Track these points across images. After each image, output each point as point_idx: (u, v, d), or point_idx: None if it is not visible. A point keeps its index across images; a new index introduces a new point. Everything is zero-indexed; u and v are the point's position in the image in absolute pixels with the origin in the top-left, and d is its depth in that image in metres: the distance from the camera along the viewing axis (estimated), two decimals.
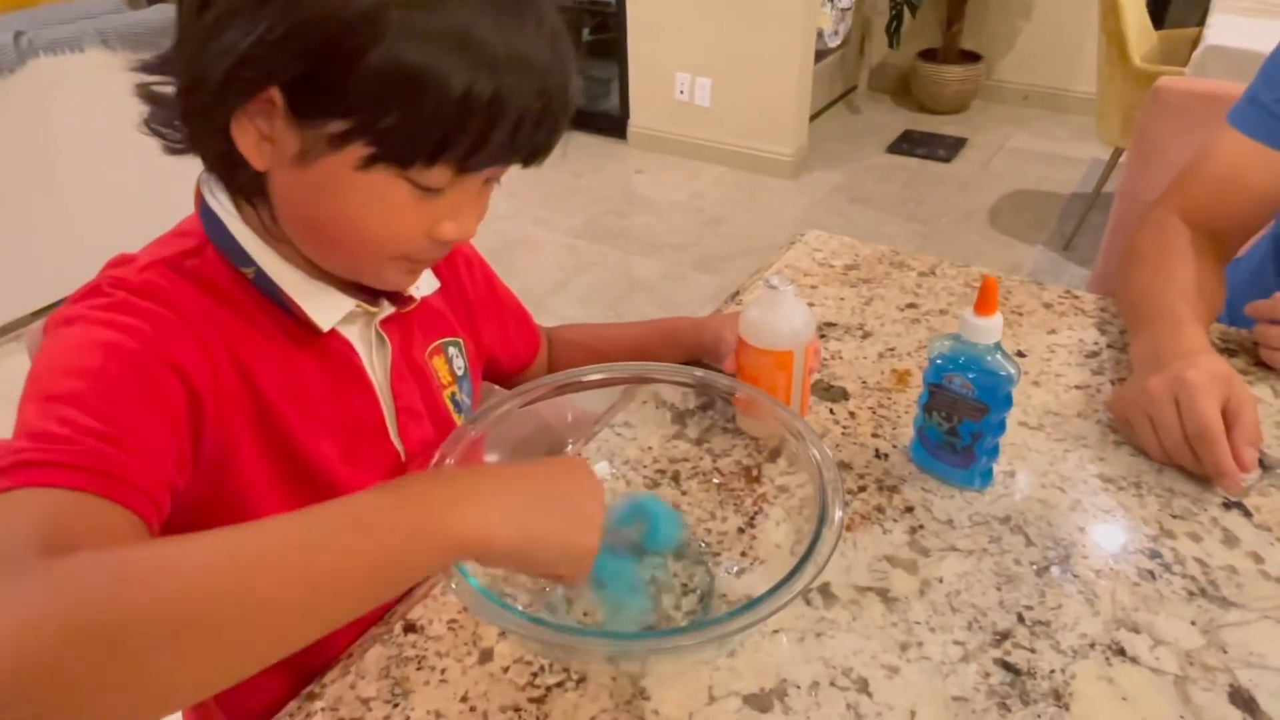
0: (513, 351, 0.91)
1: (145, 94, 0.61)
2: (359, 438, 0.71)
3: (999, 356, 0.70)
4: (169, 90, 0.60)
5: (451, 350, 0.80)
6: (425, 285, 0.75)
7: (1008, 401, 0.71)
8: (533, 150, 0.60)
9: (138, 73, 0.60)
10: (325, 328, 0.66)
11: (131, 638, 0.39)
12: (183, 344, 0.59)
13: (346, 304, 0.67)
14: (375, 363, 0.72)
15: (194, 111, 0.58)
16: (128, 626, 0.39)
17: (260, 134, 0.57)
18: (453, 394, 0.79)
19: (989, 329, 0.69)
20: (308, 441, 0.67)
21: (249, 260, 0.63)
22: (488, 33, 0.54)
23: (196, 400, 0.59)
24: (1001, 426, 0.73)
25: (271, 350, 0.65)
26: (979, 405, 0.71)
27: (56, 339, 0.57)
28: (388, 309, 0.71)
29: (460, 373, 0.81)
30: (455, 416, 0.79)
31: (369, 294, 0.69)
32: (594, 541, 0.53)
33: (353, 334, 0.70)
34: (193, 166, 0.65)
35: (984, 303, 0.69)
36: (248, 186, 0.62)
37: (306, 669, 0.64)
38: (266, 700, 0.65)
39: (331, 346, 0.69)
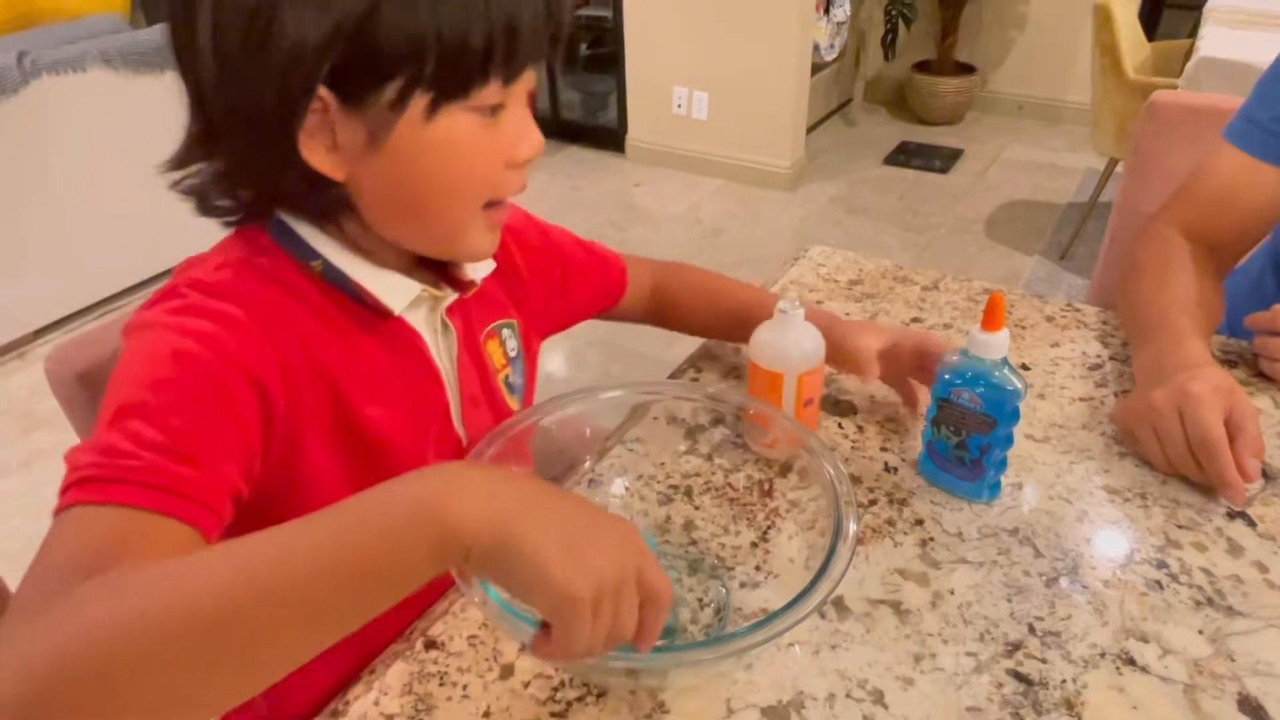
0: (583, 299, 0.91)
1: (186, 188, 0.63)
2: (426, 424, 0.73)
3: (1006, 371, 0.71)
4: (204, 172, 0.63)
5: (505, 332, 0.81)
6: (483, 267, 0.76)
7: (1015, 415, 0.72)
8: (555, 34, 0.62)
9: (171, 172, 0.62)
10: (397, 310, 0.67)
11: (124, 658, 0.40)
12: (255, 346, 0.60)
13: (413, 288, 0.69)
14: (441, 349, 0.74)
15: (263, 152, 0.59)
16: (119, 648, 0.40)
17: (327, 146, 0.58)
18: (506, 377, 0.80)
19: (996, 345, 0.70)
20: (379, 429, 0.68)
21: (315, 253, 0.65)
22: None
23: (267, 403, 0.60)
24: (1009, 440, 0.74)
25: (342, 341, 0.67)
26: (987, 419, 0.72)
27: (133, 347, 0.59)
28: (451, 295, 0.72)
29: (513, 355, 0.82)
30: (509, 400, 0.80)
31: (432, 279, 0.71)
32: (581, 590, 0.46)
33: (418, 321, 0.71)
34: None
35: (991, 319, 0.70)
36: (334, 205, 0.63)
37: (329, 683, 0.65)
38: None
39: (399, 334, 0.70)
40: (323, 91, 0.56)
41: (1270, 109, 0.97)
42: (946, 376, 0.74)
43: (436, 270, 0.72)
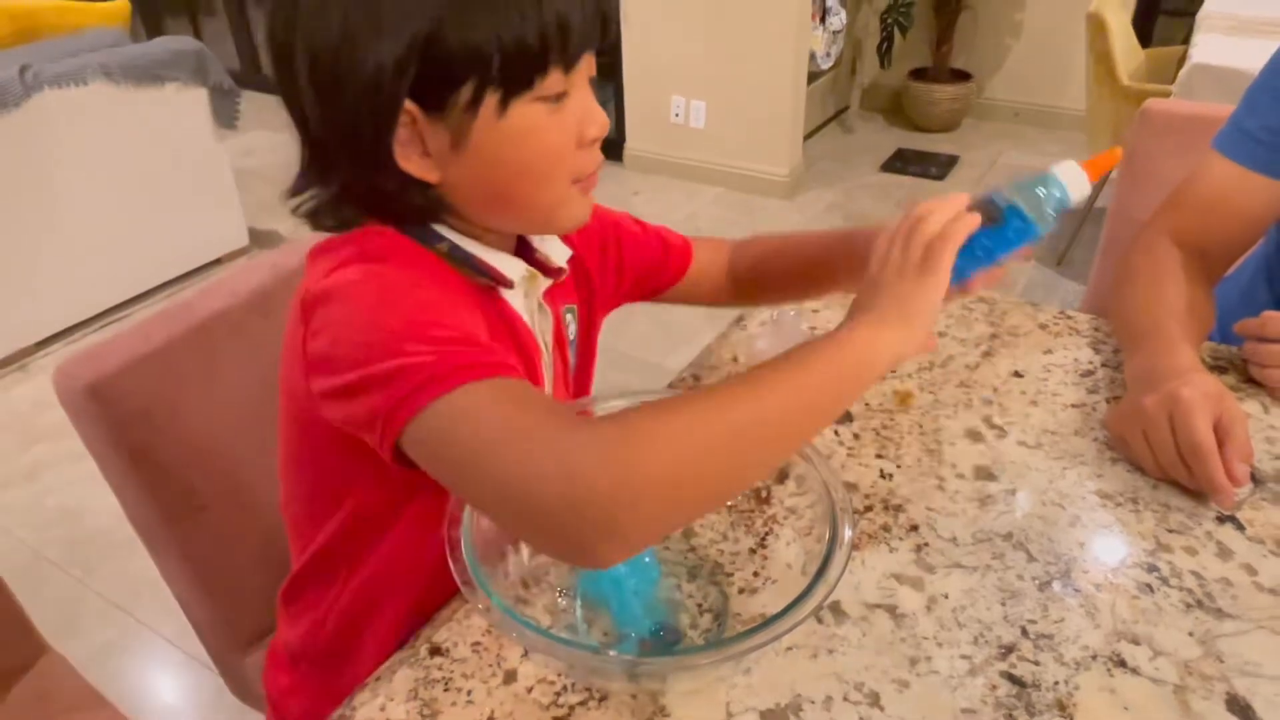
0: (638, 270, 0.93)
1: (304, 212, 0.69)
2: None
3: (1051, 207, 0.67)
4: (317, 195, 0.68)
5: (568, 317, 0.85)
6: (562, 254, 0.80)
7: (1021, 234, 0.67)
8: (604, 22, 0.66)
9: (292, 198, 0.69)
10: (515, 279, 0.72)
11: (680, 481, 0.51)
12: (450, 291, 0.66)
13: (521, 265, 0.74)
14: (538, 329, 0.78)
15: (366, 167, 0.64)
16: (678, 475, 0.51)
17: (420, 153, 0.64)
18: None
19: (1076, 180, 0.68)
20: None
21: (440, 237, 0.69)
22: None
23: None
24: (989, 252, 0.67)
25: (481, 313, 0.70)
26: (1000, 215, 0.67)
27: (353, 298, 0.62)
28: (544, 281, 0.77)
29: (572, 337, 0.86)
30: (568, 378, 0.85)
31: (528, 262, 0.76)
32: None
33: (518, 304, 0.76)
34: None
35: (1095, 168, 0.68)
36: (435, 207, 0.68)
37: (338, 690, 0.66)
38: None
39: (509, 313, 0.75)
40: (408, 104, 0.61)
41: (1259, 118, 0.98)
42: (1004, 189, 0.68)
43: (527, 260, 0.76)
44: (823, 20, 3.64)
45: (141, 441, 0.87)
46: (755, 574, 0.72)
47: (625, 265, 0.91)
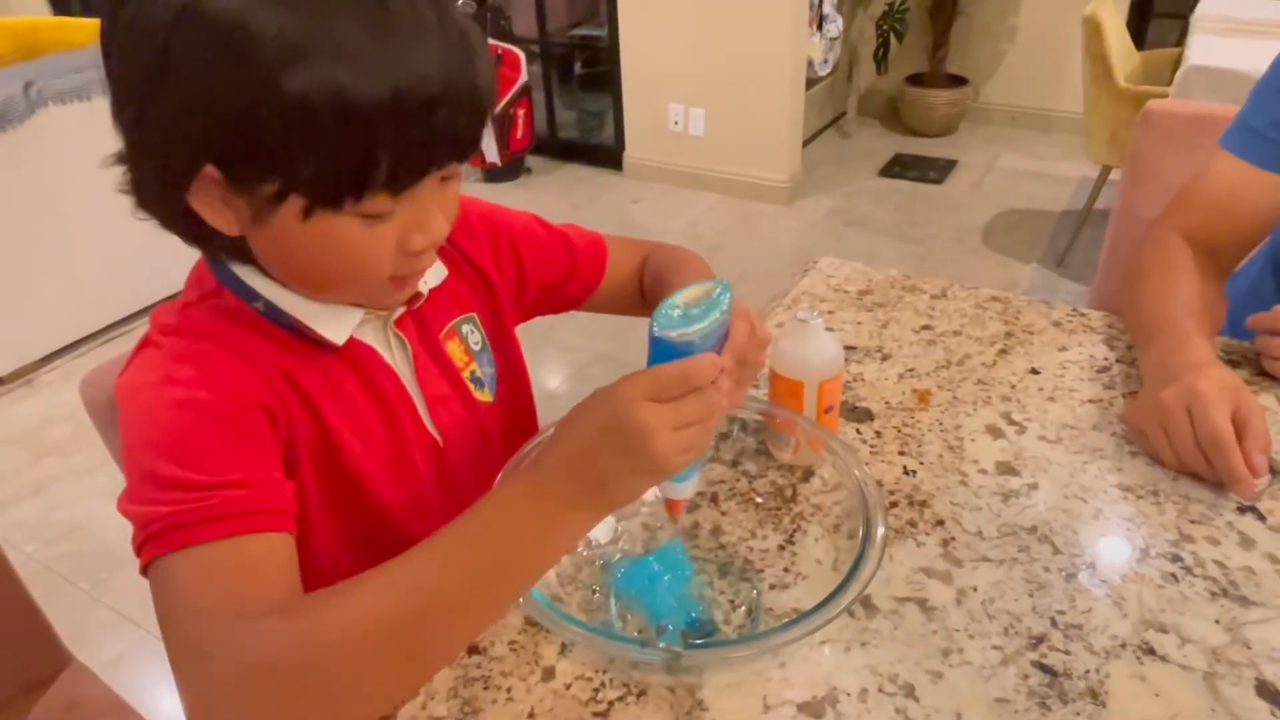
0: (544, 277, 0.89)
1: (124, 187, 0.63)
2: (398, 430, 0.75)
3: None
4: (128, 188, 0.63)
5: (466, 328, 0.82)
6: (433, 278, 0.77)
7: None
8: (458, 146, 0.60)
9: (115, 166, 0.62)
10: (340, 342, 0.70)
11: (339, 665, 0.51)
12: (243, 375, 0.64)
13: (355, 315, 0.70)
14: (397, 360, 0.75)
15: (150, 202, 0.62)
16: (328, 662, 0.51)
17: (220, 201, 0.59)
18: (472, 372, 0.81)
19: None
20: (352, 442, 0.71)
21: (256, 295, 0.67)
22: (368, 52, 0.53)
23: (274, 419, 0.65)
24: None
25: (305, 365, 0.69)
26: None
27: (134, 412, 0.62)
28: (397, 310, 0.74)
29: (477, 348, 0.82)
30: (477, 394, 0.81)
31: None
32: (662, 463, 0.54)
33: (370, 338, 0.73)
34: None
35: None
36: (231, 251, 0.65)
37: None
38: None
39: (354, 354, 0.72)
40: (210, 169, 0.57)
41: (1266, 115, 1.00)
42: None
43: None
44: (819, 27, 3.67)
45: None
46: (785, 570, 0.73)
47: (525, 263, 0.87)
